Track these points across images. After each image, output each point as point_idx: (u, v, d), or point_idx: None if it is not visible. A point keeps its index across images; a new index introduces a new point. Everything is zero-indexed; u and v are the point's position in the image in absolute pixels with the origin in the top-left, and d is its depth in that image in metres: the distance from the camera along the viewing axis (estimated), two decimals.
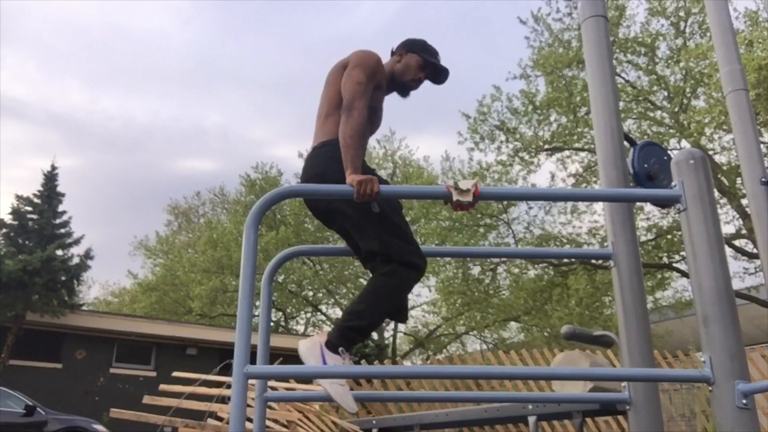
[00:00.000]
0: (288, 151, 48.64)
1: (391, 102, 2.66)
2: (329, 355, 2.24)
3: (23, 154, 43.50)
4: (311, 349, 2.28)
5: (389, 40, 2.70)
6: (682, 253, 13.07)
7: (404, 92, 2.64)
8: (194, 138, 43.78)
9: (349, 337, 2.29)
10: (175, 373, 6.10)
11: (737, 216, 13.32)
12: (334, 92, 2.47)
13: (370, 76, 2.41)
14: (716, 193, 8.57)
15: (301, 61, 43.69)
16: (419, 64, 2.59)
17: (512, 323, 19.94)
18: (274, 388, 4.97)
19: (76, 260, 15.95)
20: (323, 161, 2.38)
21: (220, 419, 5.33)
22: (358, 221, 2.33)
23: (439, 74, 2.66)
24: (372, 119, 2.54)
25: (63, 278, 15.46)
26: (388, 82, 2.58)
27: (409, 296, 2.48)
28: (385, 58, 2.61)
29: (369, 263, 2.35)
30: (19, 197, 15.85)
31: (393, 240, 2.30)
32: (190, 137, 43.99)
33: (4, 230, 15.54)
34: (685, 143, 12.98)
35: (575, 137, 14.41)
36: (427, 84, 2.68)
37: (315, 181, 2.36)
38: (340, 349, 2.26)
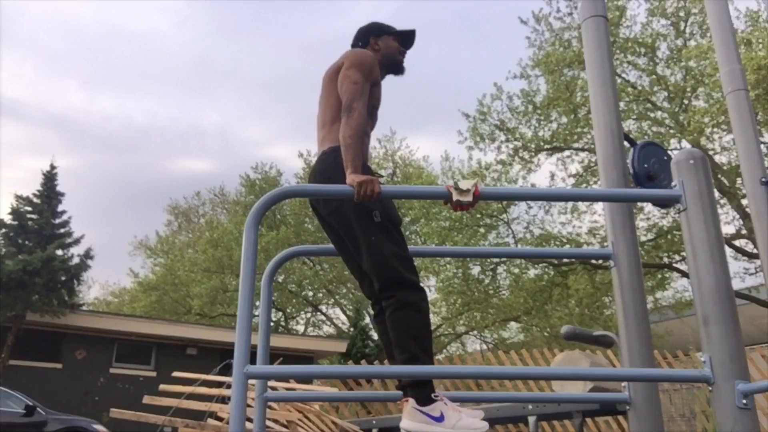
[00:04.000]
0: (287, 151, 48.74)
1: (392, 102, 2.68)
2: (430, 408, 2.16)
3: (20, 155, 43.57)
4: (413, 418, 2.17)
5: None
6: (682, 253, 13.07)
7: (399, 71, 2.73)
8: (192, 138, 43.88)
9: (422, 381, 2.22)
10: (175, 373, 6.10)
11: (737, 216, 13.32)
12: (337, 97, 2.47)
13: (366, 74, 2.44)
14: (716, 193, 8.57)
15: (299, 61, 43.77)
16: (395, 40, 2.70)
17: (512, 323, 19.93)
18: (274, 388, 4.97)
19: (76, 260, 15.95)
20: (333, 166, 2.38)
21: (220, 419, 5.33)
22: (357, 231, 2.32)
23: (410, 39, 2.76)
24: (372, 116, 2.58)
25: (63, 278, 15.45)
26: (390, 64, 2.70)
27: None
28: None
29: (372, 292, 2.35)
30: (18, 197, 15.84)
31: (389, 257, 2.28)
32: (188, 138, 44.09)
33: (4, 230, 15.53)
34: (685, 143, 12.98)
35: (575, 137, 14.41)
36: (425, 83, 2.72)
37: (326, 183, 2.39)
38: (432, 395, 2.18)
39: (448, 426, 2.13)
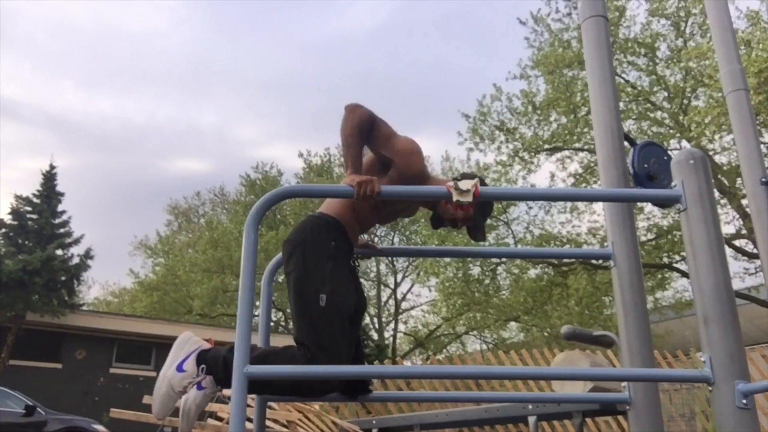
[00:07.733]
0: (284, 151, 48.70)
1: (392, 102, 2.62)
2: (190, 363, 2.11)
3: (18, 155, 43.54)
4: (188, 345, 2.15)
5: (385, 41, 2.66)
6: (682, 253, 13.06)
7: (437, 224, 2.42)
8: (190, 138, 43.90)
9: (220, 368, 2.09)
10: None
11: (737, 216, 13.32)
12: (369, 157, 2.31)
13: (403, 139, 2.30)
14: (716, 193, 8.57)
15: (296, 62, 43.76)
16: (468, 216, 2.27)
17: (512, 323, 19.94)
18: None
19: (76, 260, 15.97)
20: (309, 230, 2.27)
21: (220, 419, 5.32)
22: (300, 305, 2.16)
23: (476, 232, 2.41)
24: (381, 207, 2.37)
25: (63, 278, 15.48)
26: (432, 203, 2.38)
27: (409, 296, 2.44)
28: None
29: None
30: (18, 197, 15.87)
31: (313, 343, 2.11)
32: (186, 138, 44.10)
33: (4, 230, 15.55)
34: (685, 143, 12.98)
35: (575, 137, 14.41)
36: (425, 83, 2.63)
37: (291, 246, 2.26)
38: (202, 367, 2.11)
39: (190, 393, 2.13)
